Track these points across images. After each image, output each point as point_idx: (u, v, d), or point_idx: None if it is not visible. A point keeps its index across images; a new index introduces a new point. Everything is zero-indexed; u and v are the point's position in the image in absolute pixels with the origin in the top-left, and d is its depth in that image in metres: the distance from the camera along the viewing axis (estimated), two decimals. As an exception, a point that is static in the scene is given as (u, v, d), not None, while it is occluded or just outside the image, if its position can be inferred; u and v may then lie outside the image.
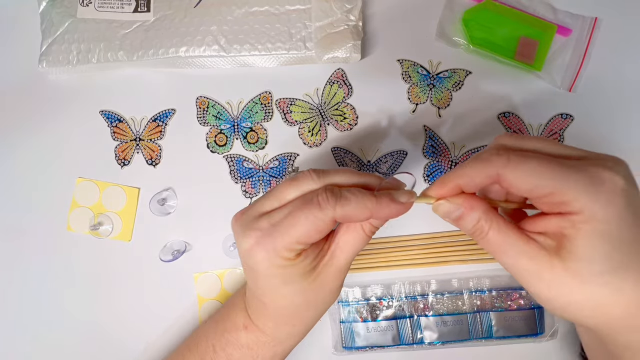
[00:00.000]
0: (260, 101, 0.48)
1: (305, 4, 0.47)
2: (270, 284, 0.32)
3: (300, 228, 0.30)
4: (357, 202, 0.30)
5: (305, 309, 0.35)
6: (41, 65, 0.48)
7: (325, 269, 0.33)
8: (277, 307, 0.34)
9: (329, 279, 0.33)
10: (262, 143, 0.48)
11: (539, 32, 0.47)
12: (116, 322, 0.47)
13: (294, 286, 0.32)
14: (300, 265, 0.32)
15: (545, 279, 0.28)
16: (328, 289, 0.34)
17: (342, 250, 0.33)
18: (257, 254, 0.31)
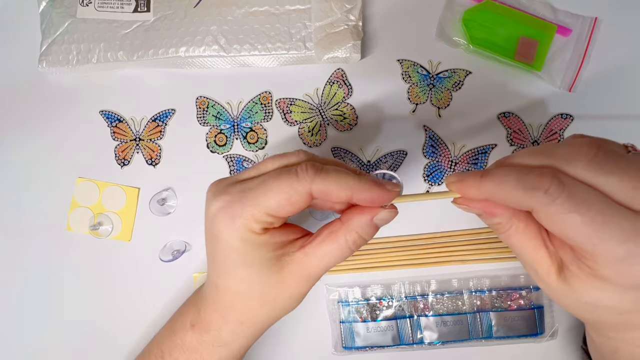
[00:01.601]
0: (260, 101, 0.48)
1: (305, 4, 0.47)
2: (229, 260, 0.30)
3: (271, 196, 0.27)
4: (338, 178, 0.28)
5: (258, 304, 0.31)
6: (41, 65, 0.48)
7: (291, 266, 0.30)
8: (229, 292, 0.31)
9: (292, 280, 0.31)
10: (262, 143, 0.48)
11: (539, 32, 0.47)
12: (116, 322, 0.47)
13: (253, 271, 0.30)
14: (264, 245, 0.29)
15: (547, 285, 0.28)
16: (289, 293, 0.31)
17: (316, 257, 0.30)
18: (222, 219, 0.28)
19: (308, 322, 0.46)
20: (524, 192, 0.25)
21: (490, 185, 0.26)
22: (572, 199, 0.24)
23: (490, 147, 0.47)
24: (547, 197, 0.24)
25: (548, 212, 0.24)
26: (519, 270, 0.46)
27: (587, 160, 0.24)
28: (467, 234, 0.46)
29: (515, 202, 0.26)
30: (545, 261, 0.27)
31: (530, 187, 0.24)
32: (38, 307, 0.48)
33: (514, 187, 0.25)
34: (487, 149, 0.47)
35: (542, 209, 0.24)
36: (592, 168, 0.24)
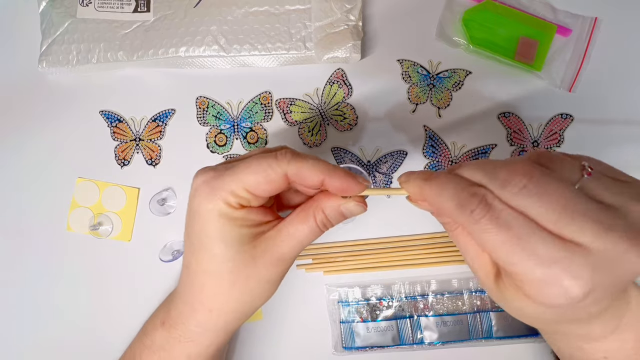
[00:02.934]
0: (260, 101, 0.48)
1: (305, 4, 0.47)
2: (204, 234, 0.31)
3: (250, 173, 0.29)
4: (314, 162, 0.30)
5: (228, 285, 0.31)
6: (41, 65, 0.48)
7: (264, 244, 0.31)
8: (200, 271, 0.32)
9: (264, 260, 0.31)
10: (262, 143, 0.48)
11: (539, 32, 0.47)
12: (116, 322, 0.47)
13: (226, 246, 0.30)
14: (240, 220, 0.30)
15: (486, 287, 0.30)
16: (260, 274, 0.31)
17: (288, 234, 0.31)
18: (202, 192, 0.30)
19: (308, 322, 0.46)
20: (455, 207, 0.27)
21: (430, 192, 0.29)
22: (494, 221, 0.25)
23: (490, 147, 0.47)
24: (472, 217, 0.26)
25: (473, 230, 0.26)
26: (519, 270, 0.46)
27: (518, 188, 0.25)
28: (467, 234, 0.46)
29: (448, 214, 0.28)
30: (486, 265, 0.29)
31: (461, 204, 0.26)
32: (38, 306, 0.48)
33: (449, 200, 0.27)
34: (487, 149, 0.47)
35: (469, 226, 0.26)
36: (522, 196, 0.25)
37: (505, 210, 0.25)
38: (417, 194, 0.30)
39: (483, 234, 0.26)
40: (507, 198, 0.26)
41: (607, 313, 0.29)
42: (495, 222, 0.25)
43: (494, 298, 0.30)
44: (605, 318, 0.29)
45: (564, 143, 0.47)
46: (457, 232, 0.30)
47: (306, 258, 0.47)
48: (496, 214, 0.25)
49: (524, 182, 0.25)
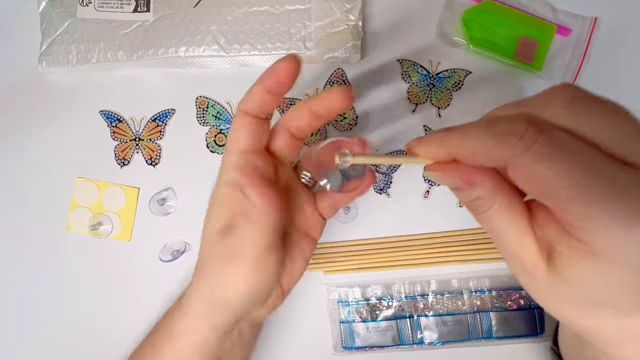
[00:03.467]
0: None
1: (305, 3, 0.47)
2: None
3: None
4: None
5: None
6: (41, 65, 0.48)
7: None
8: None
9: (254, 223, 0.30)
10: None
11: (539, 32, 0.47)
12: (116, 322, 0.47)
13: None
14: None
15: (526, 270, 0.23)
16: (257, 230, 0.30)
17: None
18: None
19: (308, 322, 0.46)
20: (495, 140, 0.21)
21: (455, 138, 0.23)
22: (552, 144, 0.20)
23: (490, 147, 0.47)
24: (523, 144, 0.20)
25: (525, 164, 0.20)
26: (519, 270, 0.46)
27: (564, 104, 0.21)
28: (467, 234, 0.46)
29: (485, 156, 0.22)
30: (533, 248, 0.23)
31: (502, 133, 0.21)
32: (38, 307, 0.48)
33: (483, 136, 0.21)
34: (487, 149, 0.47)
35: (518, 160, 0.20)
36: (573, 112, 0.20)
37: (559, 132, 0.20)
38: (438, 152, 0.24)
39: (540, 164, 0.20)
40: (555, 118, 0.20)
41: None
42: (554, 144, 0.19)
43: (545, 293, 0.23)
44: None
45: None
46: (492, 212, 0.23)
47: (306, 258, 0.47)
48: (551, 136, 0.20)
49: (569, 94, 0.21)
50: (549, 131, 0.20)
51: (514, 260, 0.24)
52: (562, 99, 0.21)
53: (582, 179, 0.19)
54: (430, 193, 0.47)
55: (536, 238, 0.23)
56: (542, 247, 0.23)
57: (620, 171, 0.19)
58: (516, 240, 0.23)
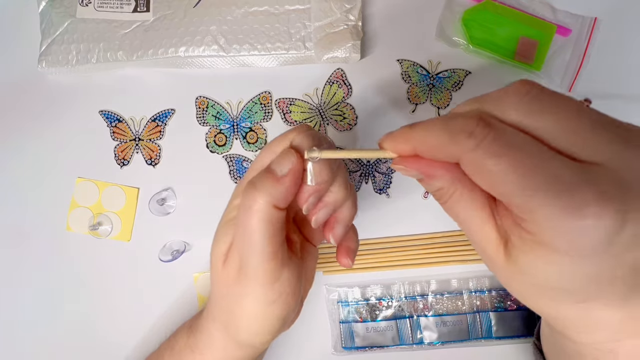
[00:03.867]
0: (260, 101, 0.48)
1: (305, 3, 0.47)
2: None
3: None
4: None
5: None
6: (41, 65, 0.48)
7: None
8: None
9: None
10: (261, 143, 0.48)
11: (539, 32, 0.47)
12: (115, 322, 0.47)
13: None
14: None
15: (488, 255, 0.24)
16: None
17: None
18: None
19: (307, 322, 0.46)
20: (449, 136, 0.22)
21: (417, 134, 0.24)
22: (499, 140, 0.21)
23: (490, 147, 0.47)
24: (472, 140, 0.21)
25: (474, 159, 0.21)
26: (519, 270, 0.46)
27: (516, 100, 0.21)
28: (467, 234, 0.46)
29: (441, 152, 0.23)
30: (493, 237, 0.24)
31: (455, 130, 0.22)
32: (37, 307, 0.48)
33: (440, 132, 0.22)
34: (487, 149, 0.47)
35: (468, 155, 0.21)
36: (523, 108, 0.21)
37: (509, 129, 0.21)
38: (403, 147, 0.25)
39: (488, 160, 0.21)
40: (507, 115, 0.21)
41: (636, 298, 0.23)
42: (501, 141, 0.21)
43: (507, 280, 0.25)
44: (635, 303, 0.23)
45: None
46: (453, 200, 0.24)
47: (306, 258, 0.47)
48: (500, 133, 0.21)
49: (523, 91, 0.21)
50: (498, 128, 0.21)
51: (478, 248, 0.25)
52: (515, 96, 0.22)
53: (528, 175, 0.20)
54: (429, 193, 0.47)
55: (496, 227, 0.24)
56: (501, 236, 0.23)
57: (564, 167, 0.20)
58: (478, 229, 0.24)
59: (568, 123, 0.20)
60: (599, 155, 0.20)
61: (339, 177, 0.29)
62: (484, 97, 0.23)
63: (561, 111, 0.21)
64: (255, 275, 0.28)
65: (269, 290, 0.29)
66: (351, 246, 0.32)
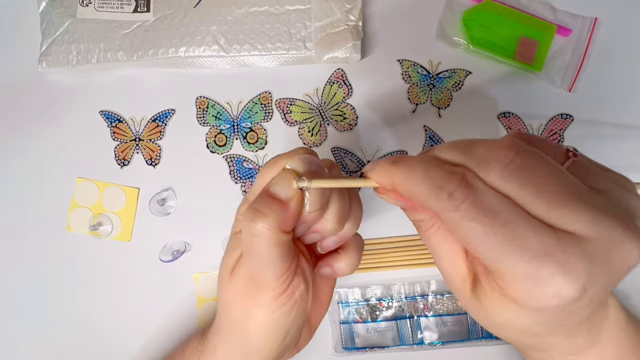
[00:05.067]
0: (260, 101, 0.48)
1: (305, 4, 0.47)
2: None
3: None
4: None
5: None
6: (41, 66, 0.48)
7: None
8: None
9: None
10: (261, 143, 0.48)
11: (539, 32, 0.47)
12: (115, 322, 0.47)
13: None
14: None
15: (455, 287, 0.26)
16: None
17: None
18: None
19: (308, 322, 0.46)
20: (429, 190, 0.23)
21: (398, 175, 0.24)
22: (477, 206, 0.21)
23: (490, 147, 0.47)
24: (451, 202, 0.22)
25: (451, 219, 0.22)
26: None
27: (502, 167, 0.22)
28: (467, 234, 0.46)
29: (420, 201, 0.24)
30: (463, 272, 0.25)
31: (435, 186, 0.22)
32: (37, 307, 0.48)
33: (421, 181, 0.23)
34: (487, 149, 0.47)
35: (446, 215, 0.22)
36: (506, 176, 0.22)
37: (489, 193, 0.22)
38: (384, 182, 0.25)
39: (464, 222, 0.21)
40: (490, 179, 0.22)
41: (593, 319, 0.26)
42: (479, 206, 0.21)
43: (470, 311, 0.26)
44: (591, 324, 0.26)
45: (564, 143, 0.47)
46: (430, 232, 0.26)
47: (306, 258, 0.47)
48: (479, 197, 0.22)
49: (509, 157, 0.22)
50: (477, 191, 0.22)
51: (447, 278, 0.26)
52: (499, 164, 0.22)
53: (500, 241, 0.21)
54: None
55: (467, 264, 0.25)
56: (471, 272, 0.25)
57: (536, 235, 0.21)
58: (449, 262, 0.26)
59: (546, 191, 0.21)
60: (571, 224, 0.21)
61: (332, 205, 0.28)
62: (472, 151, 0.23)
63: (542, 180, 0.22)
64: (268, 287, 0.28)
65: (281, 298, 0.29)
66: (336, 263, 0.31)
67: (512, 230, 0.21)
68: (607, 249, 0.21)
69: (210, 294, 0.47)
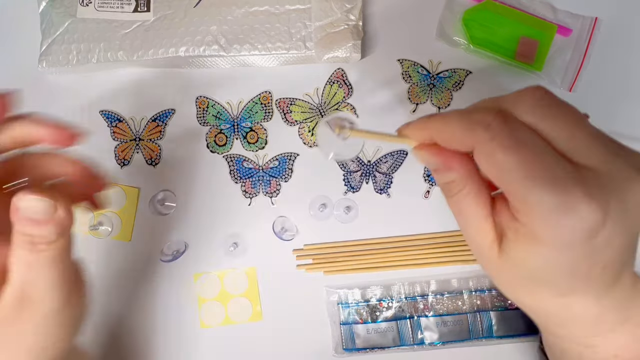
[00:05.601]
0: (260, 101, 0.48)
1: (305, 3, 0.47)
2: None
3: None
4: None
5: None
6: (41, 65, 0.48)
7: None
8: None
9: None
10: (262, 143, 0.48)
11: (539, 32, 0.47)
12: (115, 322, 0.47)
13: None
14: None
15: (483, 254, 0.27)
16: None
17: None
18: None
19: (308, 324, 0.46)
20: (467, 126, 0.25)
21: (435, 123, 0.27)
22: (512, 137, 0.24)
23: (490, 147, 0.47)
24: (488, 133, 0.24)
25: (487, 150, 0.24)
26: (520, 270, 0.46)
27: (531, 103, 0.25)
28: (468, 234, 0.46)
29: (457, 140, 0.26)
30: (490, 233, 0.27)
31: (473, 122, 0.24)
32: (37, 307, 0.47)
33: (458, 123, 0.25)
34: (488, 149, 0.47)
35: (482, 146, 0.24)
36: (536, 112, 0.24)
37: (522, 127, 0.24)
38: (421, 134, 0.27)
39: (499, 152, 0.23)
40: (522, 116, 0.25)
41: (618, 291, 0.26)
42: (513, 137, 0.23)
43: (496, 273, 0.27)
44: (616, 297, 0.27)
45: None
46: (460, 196, 0.27)
47: (306, 258, 0.47)
48: (513, 129, 0.24)
49: (539, 95, 0.25)
50: (512, 125, 0.24)
51: (474, 243, 0.28)
52: (529, 100, 0.25)
53: (530, 169, 0.23)
54: (430, 193, 0.47)
55: (494, 225, 0.27)
56: (497, 233, 0.26)
57: (561, 167, 0.23)
58: (477, 225, 0.27)
59: (570, 130, 0.24)
60: (591, 160, 0.24)
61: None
62: (504, 98, 0.26)
63: (566, 120, 0.24)
64: None
65: None
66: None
67: (542, 161, 0.23)
68: (621, 186, 0.23)
69: (211, 294, 0.47)
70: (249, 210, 0.48)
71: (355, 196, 0.47)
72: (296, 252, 0.47)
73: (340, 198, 0.47)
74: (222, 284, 0.47)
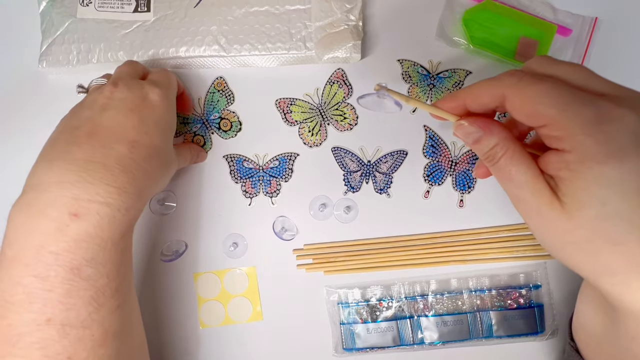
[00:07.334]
0: (216, 89, 0.49)
1: (305, 3, 0.47)
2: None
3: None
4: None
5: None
6: (41, 65, 0.48)
7: None
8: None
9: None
10: (237, 126, 0.48)
11: (539, 32, 0.47)
12: (116, 322, 0.47)
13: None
14: None
15: (544, 216, 0.27)
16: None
17: None
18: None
19: (308, 324, 0.46)
20: (494, 81, 0.28)
21: (464, 90, 0.30)
22: (535, 75, 0.27)
23: (490, 147, 0.47)
24: (515, 77, 0.27)
25: (517, 91, 0.27)
26: (519, 268, 0.46)
27: (540, 60, 0.29)
28: (467, 234, 0.46)
29: (488, 94, 0.28)
30: (547, 189, 0.27)
31: (504, 77, 0.28)
32: (37, 307, 0.47)
33: (485, 81, 0.29)
34: (488, 149, 0.47)
35: (512, 89, 0.27)
36: (545, 61, 0.28)
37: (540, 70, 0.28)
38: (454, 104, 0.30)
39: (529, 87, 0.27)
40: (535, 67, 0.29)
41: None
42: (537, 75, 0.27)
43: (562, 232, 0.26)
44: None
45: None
46: (507, 156, 0.28)
47: (306, 258, 0.47)
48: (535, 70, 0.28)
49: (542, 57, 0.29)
50: (532, 68, 0.28)
51: (532, 208, 0.27)
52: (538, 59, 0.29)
53: (560, 95, 0.25)
54: (430, 193, 0.47)
55: (547, 183, 0.27)
56: (552, 190, 0.27)
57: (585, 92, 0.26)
58: (532, 185, 0.27)
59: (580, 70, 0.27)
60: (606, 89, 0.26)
61: None
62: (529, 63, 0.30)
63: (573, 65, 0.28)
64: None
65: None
66: None
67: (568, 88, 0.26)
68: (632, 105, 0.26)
69: (211, 294, 0.47)
70: (249, 210, 0.48)
71: (355, 196, 0.47)
72: (296, 252, 0.47)
73: (340, 198, 0.47)
74: (222, 283, 0.47)
